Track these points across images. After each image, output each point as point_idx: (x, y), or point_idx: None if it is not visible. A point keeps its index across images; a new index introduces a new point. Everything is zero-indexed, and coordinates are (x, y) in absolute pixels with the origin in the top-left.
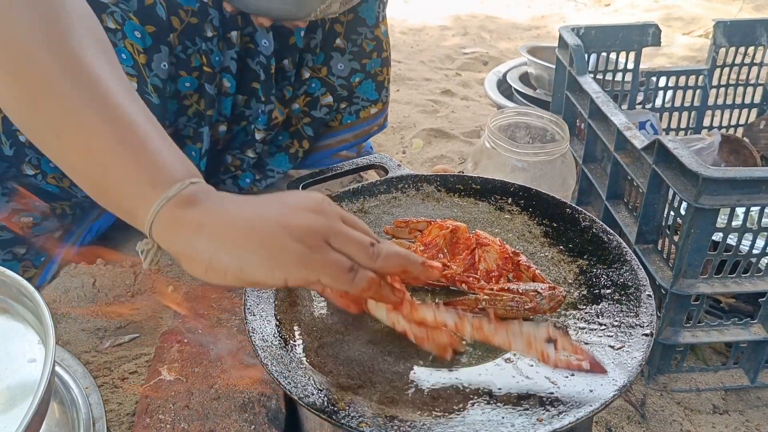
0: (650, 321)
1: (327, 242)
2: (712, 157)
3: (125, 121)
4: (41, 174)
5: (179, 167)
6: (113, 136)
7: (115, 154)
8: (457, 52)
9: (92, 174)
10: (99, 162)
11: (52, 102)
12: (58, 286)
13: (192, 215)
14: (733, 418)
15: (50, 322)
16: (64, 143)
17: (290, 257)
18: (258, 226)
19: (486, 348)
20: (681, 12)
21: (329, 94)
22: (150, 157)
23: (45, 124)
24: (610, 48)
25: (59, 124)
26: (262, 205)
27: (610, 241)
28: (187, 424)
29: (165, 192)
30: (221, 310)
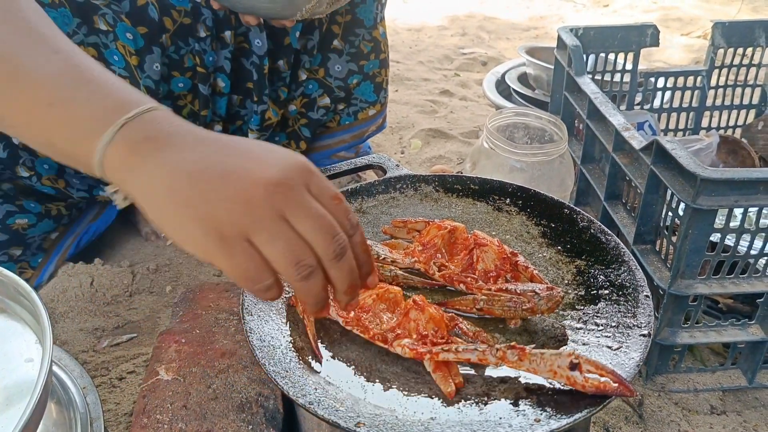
0: (648, 321)
1: (283, 217)
2: (710, 157)
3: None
4: (36, 176)
5: (111, 108)
6: (42, 104)
7: (49, 120)
8: (456, 52)
9: (42, 144)
10: (40, 133)
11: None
12: (56, 286)
13: (132, 161)
14: (731, 419)
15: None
16: (7, 124)
17: (211, 246)
18: (195, 182)
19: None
20: (679, 13)
21: (326, 95)
22: (83, 106)
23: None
24: (608, 49)
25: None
26: (218, 154)
27: (608, 241)
28: (185, 424)
29: (99, 140)
30: (219, 310)
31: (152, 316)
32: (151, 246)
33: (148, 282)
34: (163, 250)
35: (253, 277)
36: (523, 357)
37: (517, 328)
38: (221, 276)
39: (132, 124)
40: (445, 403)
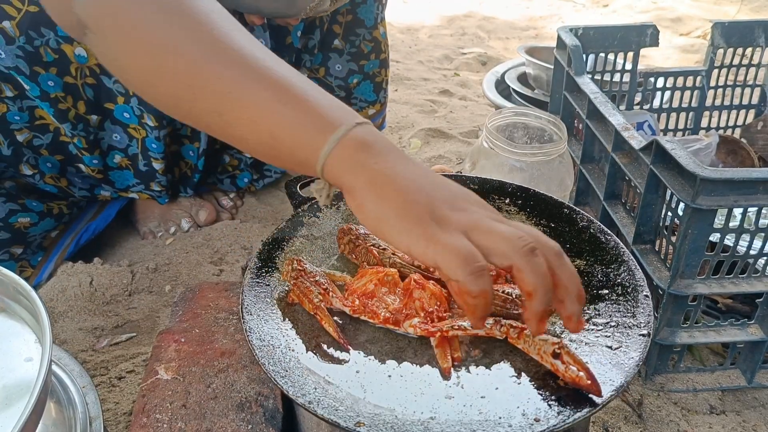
0: (647, 321)
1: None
2: (710, 157)
3: (279, 83)
4: (39, 174)
5: (339, 112)
6: (273, 100)
7: (279, 115)
8: (456, 52)
9: (262, 140)
10: (266, 128)
11: (206, 86)
12: (55, 285)
13: (358, 158)
14: (730, 419)
15: (47, 320)
16: (228, 120)
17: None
18: (411, 190)
19: (483, 349)
20: (679, 13)
21: None
22: (311, 108)
23: (206, 109)
24: (608, 48)
25: (220, 105)
26: (426, 176)
27: (608, 241)
28: (184, 424)
29: (331, 136)
30: (218, 310)
31: (151, 316)
32: (151, 245)
33: (148, 281)
34: (162, 249)
35: (468, 258)
36: (520, 335)
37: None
38: (220, 275)
39: (359, 128)
40: (445, 403)
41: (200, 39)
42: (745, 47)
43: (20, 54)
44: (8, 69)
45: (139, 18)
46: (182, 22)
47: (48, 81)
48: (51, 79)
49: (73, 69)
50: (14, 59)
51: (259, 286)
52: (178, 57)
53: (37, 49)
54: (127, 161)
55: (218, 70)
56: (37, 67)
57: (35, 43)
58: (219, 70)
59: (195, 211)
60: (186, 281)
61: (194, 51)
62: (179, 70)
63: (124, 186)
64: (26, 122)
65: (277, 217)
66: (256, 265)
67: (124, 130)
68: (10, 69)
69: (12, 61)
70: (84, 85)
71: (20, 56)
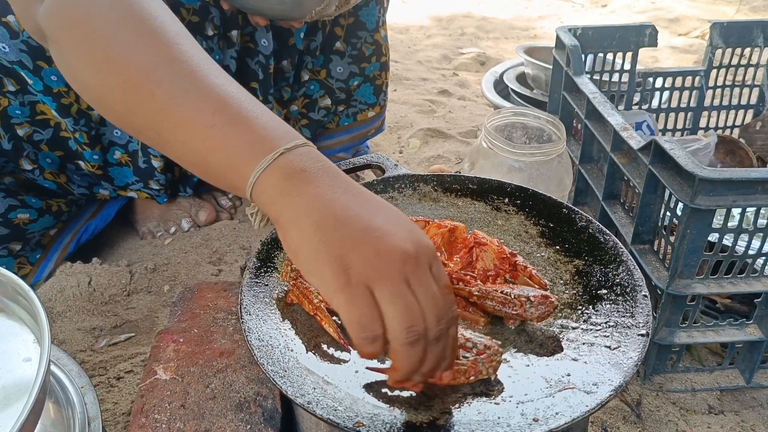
0: (646, 321)
1: (407, 282)
2: (708, 157)
3: (214, 103)
4: (39, 169)
5: (272, 136)
6: (203, 124)
7: (209, 140)
8: (454, 52)
9: (196, 162)
10: (196, 151)
11: (142, 104)
12: (53, 285)
13: (283, 187)
14: (729, 419)
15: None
16: (165, 139)
17: (330, 274)
18: (328, 227)
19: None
20: (677, 13)
21: (327, 96)
22: (243, 132)
23: (145, 126)
24: (606, 48)
25: (155, 123)
26: (353, 208)
27: (607, 241)
28: (183, 424)
29: (258, 164)
30: (217, 310)
31: (150, 316)
32: (149, 245)
33: (146, 281)
34: (161, 249)
35: (366, 325)
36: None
37: (515, 328)
38: (219, 276)
39: (289, 154)
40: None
41: (144, 59)
42: (743, 47)
43: (24, 48)
44: (12, 63)
45: (93, 33)
46: (133, 41)
47: (51, 75)
48: (54, 73)
49: None
50: (18, 53)
51: (257, 286)
52: (120, 75)
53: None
54: (127, 157)
55: (153, 88)
56: (40, 62)
57: None
58: (153, 88)
59: (195, 212)
60: (185, 281)
61: (135, 70)
62: (120, 88)
63: (123, 184)
64: (27, 117)
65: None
66: (254, 265)
67: None
68: (13, 63)
69: (16, 55)
70: None
71: (24, 50)
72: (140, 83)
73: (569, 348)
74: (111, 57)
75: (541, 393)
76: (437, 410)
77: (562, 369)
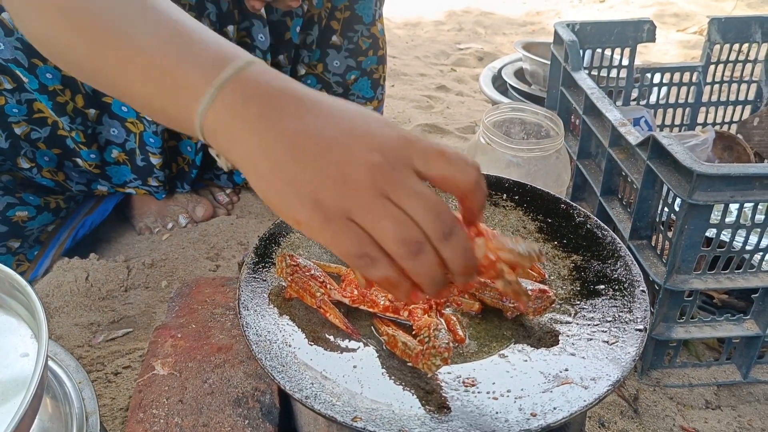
0: (644, 316)
1: (386, 196)
2: (706, 153)
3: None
4: (36, 167)
5: (215, 56)
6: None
7: (148, 81)
8: (452, 47)
9: (141, 104)
10: (138, 96)
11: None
12: (51, 281)
13: (233, 125)
14: (726, 414)
15: (43, 316)
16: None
17: (307, 213)
18: (288, 163)
19: (480, 343)
20: (675, 9)
21: (324, 90)
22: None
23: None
24: (605, 44)
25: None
26: (317, 125)
27: (605, 236)
28: (181, 419)
29: (198, 106)
30: (215, 305)
31: (148, 311)
32: (147, 241)
33: (144, 277)
34: (159, 244)
35: (359, 253)
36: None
37: (513, 323)
38: (217, 271)
39: (230, 85)
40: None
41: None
42: (741, 43)
43: (19, 46)
44: (6, 61)
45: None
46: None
47: (46, 73)
48: (49, 71)
49: None
50: (13, 51)
51: (255, 282)
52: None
53: None
54: (124, 156)
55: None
56: (35, 59)
57: None
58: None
59: (192, 207)
60: (182, 277)
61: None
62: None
63: (121, 182)
64: (24, 115)
65: (274, 213)
66: (252, 260)
67: (121, 124)
68: (8, 61)
69: (11, 52)
70: None
71: (19, 48)
72: (93, 20)
73: (567, 343)
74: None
75: (539, 388)
76: (435, 404)
77: (560, 364)
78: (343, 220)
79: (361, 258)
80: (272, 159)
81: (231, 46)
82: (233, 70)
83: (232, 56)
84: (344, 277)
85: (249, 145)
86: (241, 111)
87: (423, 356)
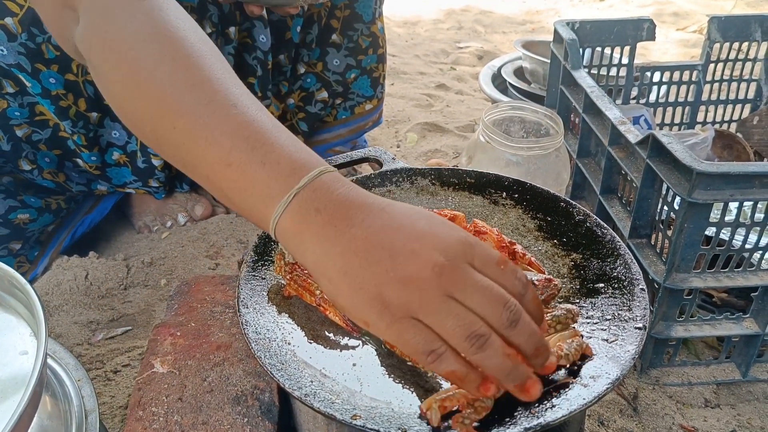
0: (643, 315)
1: (450, 296)
2: (706, 152)
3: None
4: (37, 169)
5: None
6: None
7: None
8: (452, 46)
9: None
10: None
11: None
12: (50, 279)
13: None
14: (725, 412)
15: (42, 314)
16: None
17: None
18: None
19: None
20: (675, 8)
21: (324, 89)
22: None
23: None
24: (604, 43)
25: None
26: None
27: (604, 235)
28: (180, 417)
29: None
30: (214, 303)
31: (147, 309)
32: (146, 239)
33: (143, 275)
34: (158, 243)
35: (425, 351)
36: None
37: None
38: (216, 269)
39: (303, 193)
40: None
41: (167, 84)
42: (741, 42)
43: (22, 51)
44: (10, 66)
45: (122, 55)
46: (157, 64)
47: (49, 78)
48: (52, 76)
49: (75, 66)
50: (16, 56)
51: (255, 280)
52: (146, 102)
53: (39, 45)
54: (125, 158)
55: (174, 119)
56: (38, 64)
57: (37, 39)
58: (174, 120)
59: (191, 206)
60: (182, 275)
61: (158, 97)
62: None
63: (121, 182)
64: (26, 118)
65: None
66: (252, 258)
67: (123, 126)
68: (11, 66)
69: (14, 58)
70: (85, 82)
71: (22, 53)
72: (164, 113)
73: None
74: (137, 83)
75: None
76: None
77: None
78: (408, 320)
79: (429, 355)
80: (340, 265)
81: (306, 152)
82: (308, 179)
83: (307, 164)
84: None
85: (319, 251)
86: (314, 219)
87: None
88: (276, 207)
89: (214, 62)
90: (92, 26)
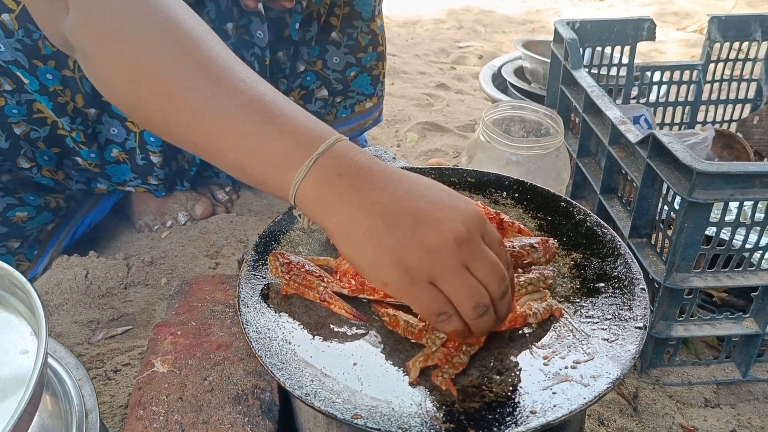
0: (644, 314)
1: (466, 266)
2: (706, 151)
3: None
4: (36, 167)
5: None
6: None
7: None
8: (452, 45)
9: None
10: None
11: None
12: (50, 278)
13: (324, 199)
14: (725, 412)
15: (42, 313)
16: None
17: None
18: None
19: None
20: (675, 7)
21: (324, 87)
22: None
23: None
24: (605, 42)
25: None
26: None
27: (604, 234)
28: (181, 416)
29: (294, 176)
30: (215, 302)
31: (147, 309)
32: (146, 238)
33: (143, 274)
34: (158, 242)
35: (437, 312)
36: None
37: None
38: (216, 269)
39: (322, 159)
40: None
41: (173, 67)
42: (741, 41)
43: (19, 47)
44: (7, 63)
45: (121, 44)
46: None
47: (47, 74)
48: (50, 72)
49: (71, 62)
50: (13, 52)
51: (255, 279)
52: (151, 86)
53: (36, 42)
54: (124, 155)
55: (183, 97)
56: (35, 60)
57: (34, 36)
58: (184, 98)
59: (191, 205)
60: (182, 274)
61: (165, 80)
62: (153, 99)
63: (120, 180)
64: (24, 115)
65: (273, 211)
66: (252, 257)
67: (121, 123)
68: (8, 63)
69: (11, 54)
70: (82, 78)
71: (19, 49)
72: (171, 94)
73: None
74: (140, 68)
75: (539, 385)
76: (435, 402)
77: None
78: (426, 284)
79: (440, 316)
80: (366, 226)
81: (319, 123)
82: (327, 145)
83: (324, 132)
84: (336, 268)
85: (344, 213)
86: (336, 182)
87: (426, 331)
88: (296, 173)
89: (216, 44)
90: (85, 15)
